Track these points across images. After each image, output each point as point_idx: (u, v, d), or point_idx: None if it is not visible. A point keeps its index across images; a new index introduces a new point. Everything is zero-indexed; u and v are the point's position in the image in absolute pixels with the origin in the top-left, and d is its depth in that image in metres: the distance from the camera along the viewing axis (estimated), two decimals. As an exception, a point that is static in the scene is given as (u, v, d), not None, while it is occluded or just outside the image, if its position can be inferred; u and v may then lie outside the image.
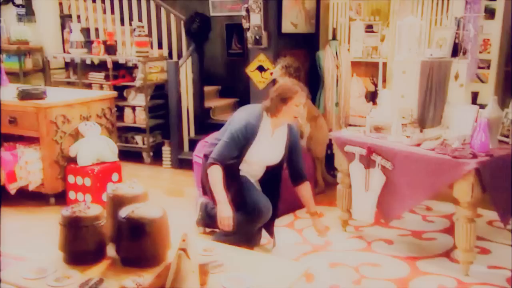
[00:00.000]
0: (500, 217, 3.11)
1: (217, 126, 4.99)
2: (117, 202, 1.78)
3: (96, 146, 4.15)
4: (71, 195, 4.14)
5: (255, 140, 3.04)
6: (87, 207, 1.76)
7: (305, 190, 3.27)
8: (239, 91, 6.08)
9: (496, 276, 3.00)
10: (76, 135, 4.21)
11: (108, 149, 4.22)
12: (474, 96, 3.84)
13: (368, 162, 3.34)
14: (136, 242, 1.56)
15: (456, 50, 3.48)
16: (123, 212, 1.65)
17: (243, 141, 3.00)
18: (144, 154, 5.66)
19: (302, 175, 3.27)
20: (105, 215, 1.75)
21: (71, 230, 1.70)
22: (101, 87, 5.59)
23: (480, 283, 2.92)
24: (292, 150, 3.22)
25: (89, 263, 1.68)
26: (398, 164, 3.18)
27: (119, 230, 1.66)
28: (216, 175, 2.92)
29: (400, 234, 3.65)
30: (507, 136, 3.23)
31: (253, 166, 3.18)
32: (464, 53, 3.47)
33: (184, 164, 5.32)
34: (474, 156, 2.90)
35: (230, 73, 6.49)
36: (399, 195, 3.22)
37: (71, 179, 4.12)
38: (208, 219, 3.45)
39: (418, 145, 3.18)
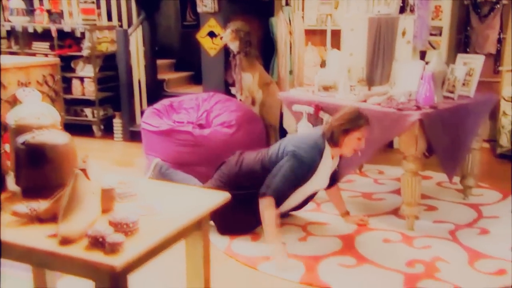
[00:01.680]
0: (445, 171, 3.11)
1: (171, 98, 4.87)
2: (21, 133, 1.62)
3: (35, 114, 3.91)
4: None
5: (314, 175, 2.75)
6: (-22, 134, 1.60)
7: (336, 191, 3.13)
8: (195, 65, 5.91)
9: (440, 229, 3.01)
10: (13, 102, 3.95)
11: (50, 117, 3.99)
12: (422, 55, 3.83)
13: (316, 121, 3.28)
14: (37, 170, 1.41)
15: (403, 7, 3.45)
16: (22, 138, 1.51)
17: (301, 180, 2.71)
18: (94, 127, 5.45)
19: (336, 179, 3.09)
20: None
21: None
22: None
23: (424, 235, 2.92)
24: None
25: (-18, 196, 1.53)
26: (345, 120, 3.13)
27: (17, 158, 1.51)
28: (270, 214, 2.62)
29: (350, 196, 3.62)
30: (452, 92, 3.23)
31: (297, 195, 2.86)
32: (412, 10, 3.44)
33: (136, 136, 5.13)
34: (418, 108, 2.88)
35: (185, 46, 6.31)
36: (346, 153, 3.18)
37: (8, 148, 3.88)
38: (160, 178, 3.36)
39: (365, 101, 3.14)
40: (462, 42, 5.01)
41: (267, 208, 2.62)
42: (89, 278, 1.14)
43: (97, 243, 1.12)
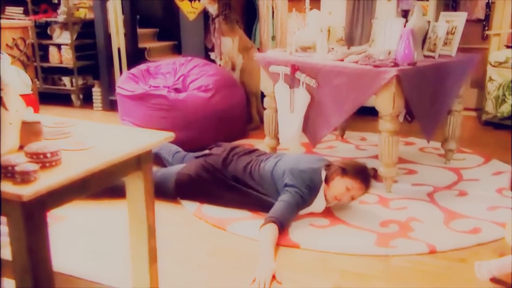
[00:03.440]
0: (424, 131, 3.01)
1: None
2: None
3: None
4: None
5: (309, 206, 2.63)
6: None
7: None
8: (178, 34, 5.73)
9: (418, 192, 2.92)
10: (-19, 65, 3.81)
11: (19, 80, 3.85)
12: (405, 13, 3.68)
13: (292, 82, 3.16)
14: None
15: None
16: None
17: (304, 205, 2.58)
18: (73, 97, 5.30)
19: None
20: None
21: None
22: (22, 24, 5.13)
23: (401, 197, 2.84)
24: None
25: None
26: (322, 80, 3.01)
27: None
28: (271, 234, 2.34)
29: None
30: (433, 51, 3.11)
31: None
32: (393, -34, 3.29)
33: (116, 105, 5.00)
34: (396, 65, 2.76)
35: (168, 15, 6.12)
36: (324, 113, 3.07)
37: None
38: None
39: (342, 60, 3.01)
40: (450, 7, 4.86)
41: (268, 230, 2.37)
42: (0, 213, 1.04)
43: (7, 173, 1.01)
